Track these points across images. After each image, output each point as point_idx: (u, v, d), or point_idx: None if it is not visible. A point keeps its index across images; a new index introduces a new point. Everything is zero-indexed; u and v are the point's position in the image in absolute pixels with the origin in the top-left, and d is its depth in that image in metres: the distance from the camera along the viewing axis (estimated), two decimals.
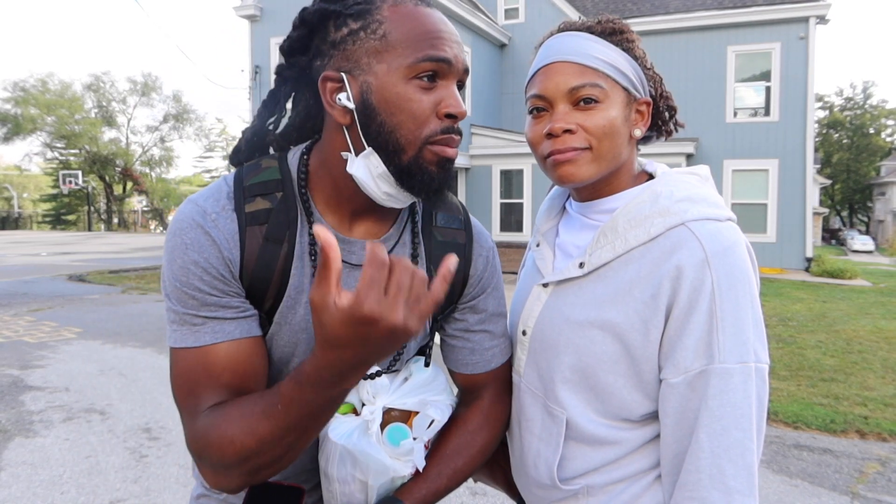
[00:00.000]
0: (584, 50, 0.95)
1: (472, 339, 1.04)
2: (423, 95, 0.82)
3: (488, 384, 1.06)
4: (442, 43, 0.83)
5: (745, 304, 0.86)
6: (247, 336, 0.86)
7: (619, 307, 0.92)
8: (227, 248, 0.84)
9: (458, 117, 0.84)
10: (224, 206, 0.86)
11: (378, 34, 0.82)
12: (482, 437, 1.03)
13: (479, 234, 1.05)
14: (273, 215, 0.88)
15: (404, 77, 0.82)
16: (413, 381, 0.99)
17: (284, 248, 0.88)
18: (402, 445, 0.93)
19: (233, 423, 0.76)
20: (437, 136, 0.83)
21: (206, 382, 0.83)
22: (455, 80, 0.85)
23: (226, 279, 0.85)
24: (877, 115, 52.87)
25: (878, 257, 31.82)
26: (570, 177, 0.95)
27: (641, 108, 0.99)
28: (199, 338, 0.84)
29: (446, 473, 0.98)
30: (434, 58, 0.82)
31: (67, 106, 40.72)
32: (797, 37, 13.97)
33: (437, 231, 1.00)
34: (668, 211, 0.92)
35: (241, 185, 0.89)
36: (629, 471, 0.97)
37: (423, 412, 0.96)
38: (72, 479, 3.46)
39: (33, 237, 30.26)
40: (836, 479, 3.59)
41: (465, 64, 0.86)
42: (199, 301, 0.84)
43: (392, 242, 0.96)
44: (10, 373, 5.54)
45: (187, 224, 0.85)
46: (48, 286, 11.32)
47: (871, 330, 7.78)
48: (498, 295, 1.07)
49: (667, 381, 0.89)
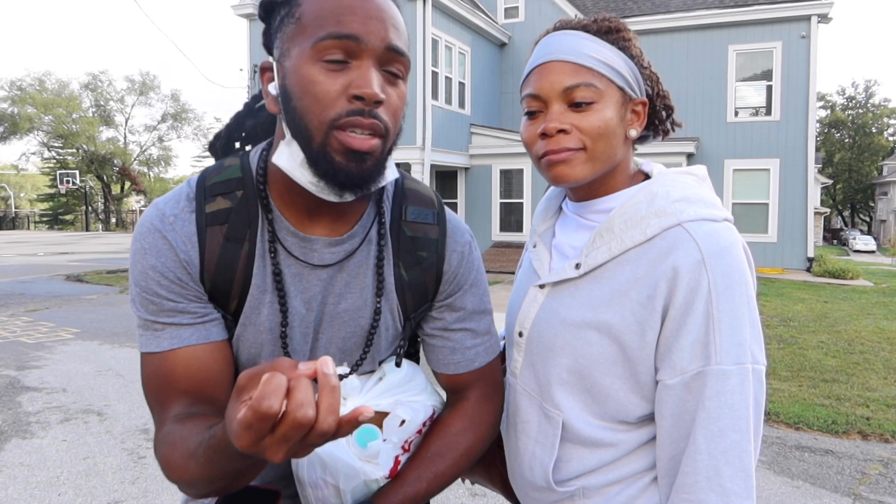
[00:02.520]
0: (579, 49, 0.94)
1: (451, 337, 1.00)
2: (330, 77, 0.77)
3: (473, 384, 1.02)
4: (350, 19, 0.76)
5: (741, 305, 0.85)
6: (204, 342, 0.85)
7: (615, 308, 0.91)
8: (184, 251, 0.84)
9: (366, 98, 0.76)
10: (183, 208, 0.86)
11: (295, 17, 0.79)
12: (467, 439, 0.98)
13: (455, 228, 1.00)
14: (233, 214, 0.87)
15: (311, 59, 0.77)
16: (387, 382, 0.96)
17: (245, 248, 0.87)
18: (370, 447, 0.90)
19: (175, 450, 0.77)
20: (342, 118, 0.76)
21: (168, 389, 0.83)
22: (371, 58, 0.77)
23: (183, 283, 0.84)
24: (879, 115, 52.93)
25: (879, 257, 31.85)
26: (564, 177, 0.95)
27: (637, 108, 0.98)
28: (159, 343, 0.84)
29: (426, 477, 0.94)
30: (336, 34, 0.76)
31: (65, 105, 40.81)
32: (799, 35, 13.96)
33: (406, 226, 0.96)
34: (664, 211, 0.91)
35: (204, 185, 0.88)
36: (625, 473, 0.96)
37: (394, 412, 0.93)
38: (69, 481, 3.46)
39: (30, 237, 30.32)
40: (837, 480, 3.58)
41: (389, 41, 0.78)
42: (157, 306, 0.84)
43: (358, 240, 0.92)
44: (7, 373, 5.54)
45: (147, 229, 0.85)
46: (45, 286, 11.32)
47: (873, 330, 7.77)
48: (478, 291, 1.01)
49: (663, 382, 0.89)
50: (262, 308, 0.88)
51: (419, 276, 0.95)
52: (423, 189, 1.00)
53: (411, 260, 0.95)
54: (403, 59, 0.81)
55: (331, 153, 0.78)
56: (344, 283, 0.91)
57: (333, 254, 0.90)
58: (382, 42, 0.78)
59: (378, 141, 0.79)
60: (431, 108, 13.40)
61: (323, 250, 0.89)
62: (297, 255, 0.88)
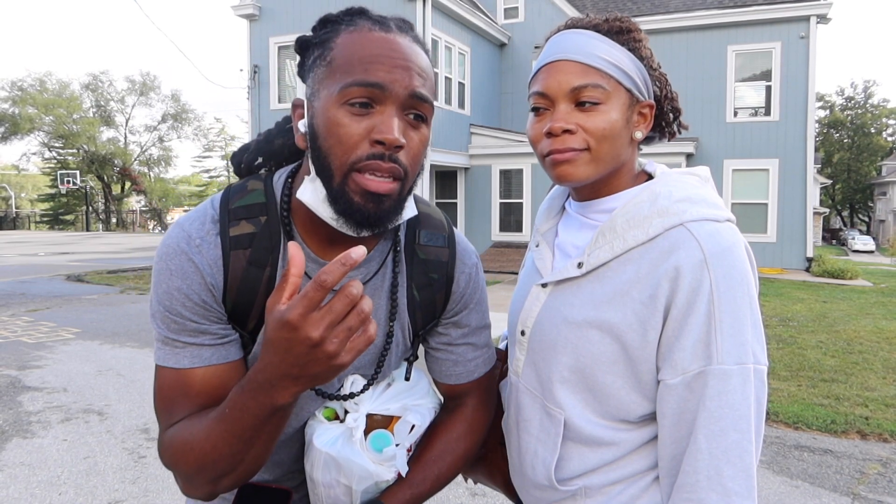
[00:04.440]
0: (588, 49, 0.94)
1: (455, 351, 1.07)
2: (354, 121, 0.81)
3: (471, 392, 1.09)
4: (376, 67, 0.81)
5: (743, 305, 0.85)
6: (223, 362, 0.89)
7: (617, 307, 0.91)
8: (210, 274, 0.87)
9: (387, 143, 0.80)
10: (209, 231, 0.88)
11: (327, 60, 0.84)
12: (465, 443, 1.06)
13: (463, 250, 1.05)
14: (256, 240, 0.90)
15: (337, 102, 0.81)
16: (395, 388, 1.01)
17: (267, 272, 0.90)
18: (385, 452, 0.95)
19: (192, 427, 0.82)
20: (362, 161, 0.81)
21: (182, 401, 0.87)
22: (394, 105, 0.82)
23: (208, 305, 0.87)
24: (878, 115, 52.91)
25: (878, 257, 31.85)
26: (567, 176, 0.95)
27: (644, 111, 0.98)
28: (179, 360, 0.87)
29: (430, 478, 1.01)
30: (362, 82, 0.80)
31: (65, 105, 40.75)
32: (798, 36, 13.97)
33: (419, 249, 1.01)
34: (666, 211, 0.91)
35: (227, 207, 0.91)
36: (627, 472, 0.96)
37: (404, 418, 0.99)
38: (70, 480, 3.46)
39: (31, 237, 30.28)
40: (836, 479, 3.59)
41: (413, 89, 0.82)
42: (180, 326, 0.87)
43: (375, 265, 0.96)
44: (8, 373, 5.53)
45: (173, 250, 0.87)
46: (46, 286, 11.32)
47: (871, 330, 7.77)
48: (481, 309, 1.08)
49: (665, 381, 0.89)
50: None
51: (430, 296, 1.01)
52: (434, 213, 1.05)
53: (423, 281, 1.00)
54: (426, 104, 0.85)
55: (349, 193, 0.82)
56: None
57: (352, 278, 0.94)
58: (406, 90, 0.82)
59: (396, 184, 0.83)
60: None
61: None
62: None
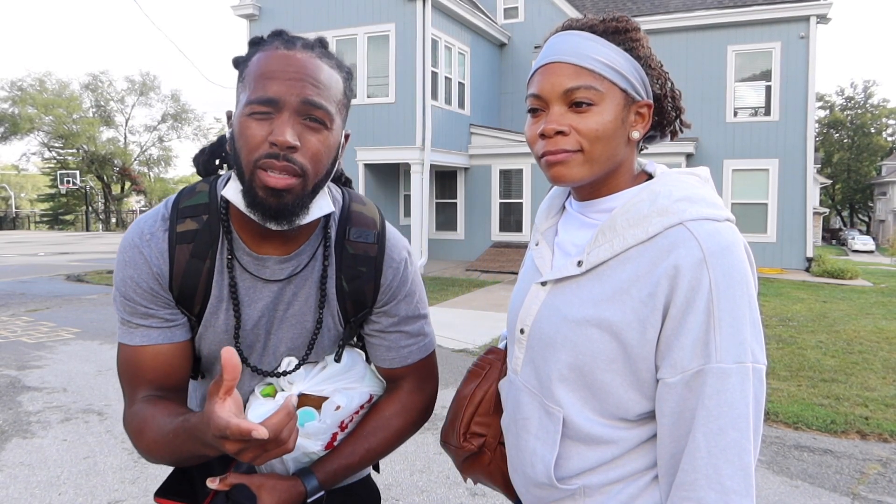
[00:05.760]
0: (581, 50, 0.94)
1: (387, 338, 1.17)
2: (258, 126, 0.93)
3: (406, 376, 1.20)
4: (272, 83, 0.93)
5: (742, 304, 0.86)
6: (169, 342, 1.05)
7: (616, 306, 0.92)
8: (157, 265, 1.02)
9: (279, 145, 0.91)
10: (159, 227, 1.04)
11: (243, 77, 0.98)
12: (397, 422, 1.17)
13: (392, 246, 1.14)
14: (199, 235, 1.04)
15: (244, 112, 0.95)
16: (328, 371, 1.12)
17: (207, 264, 1.04)
18: (307, 427, 1.07)
19: (147, 426, 0.99)
20: (262, 160, 0.93)
21: (137, 375, 1.04)
22: (288, 111, 0.93)
23: (155, 292, 1.03)
24: (878, 115, 52.92)
25: (878, 257, 31.85)
26: (562, 177, 0.96)
27: (642, 111, 0.98)
28: (132, 339, 1.04)
29: (359, 452, 1.13)
30: (260, 99, 0.93)
31: (65, 105, 40.73)
32: (798, 36, 13.97)
33: (349, 244, 1.11)
34: (666, 210, 0.92)
35: (177, 207, 1.05)
36: (626, 471, 0.97)
37: (332, 398, 1.09)
38: (70, 480, 3.46)
39: (31, 237, 30.28)
40: (836, 479, 3.59)
41: (305, 97, 0.93)
42: (132, 310, 1.03)
43: (305, 258, 1.08)
44: (8, 373, 5.54)
45: (128, 243, 1.04)
46: (46, 286, 11.32)
47: (871, 330, 7.77)
48: (412, 300, 1.17)
49: (664, 380, 0.89)
50: (220, 314, 1.07)
51: (359, 287, 1.12)
52: (368, 211, 1.15)
53: (352, 274, 1.11)
54: (320, 110, 0.95)
55: (255, 188, 0.94)
56: (292, 294, 1.09)
57: (283, 269, 1.07)
58: (298, 97, 0.93)
59: (296, 180, 0.94)
60: (431, 109, 13.39)
61: (274, 267, 1.06)
62: (251, 270, 1.06)
